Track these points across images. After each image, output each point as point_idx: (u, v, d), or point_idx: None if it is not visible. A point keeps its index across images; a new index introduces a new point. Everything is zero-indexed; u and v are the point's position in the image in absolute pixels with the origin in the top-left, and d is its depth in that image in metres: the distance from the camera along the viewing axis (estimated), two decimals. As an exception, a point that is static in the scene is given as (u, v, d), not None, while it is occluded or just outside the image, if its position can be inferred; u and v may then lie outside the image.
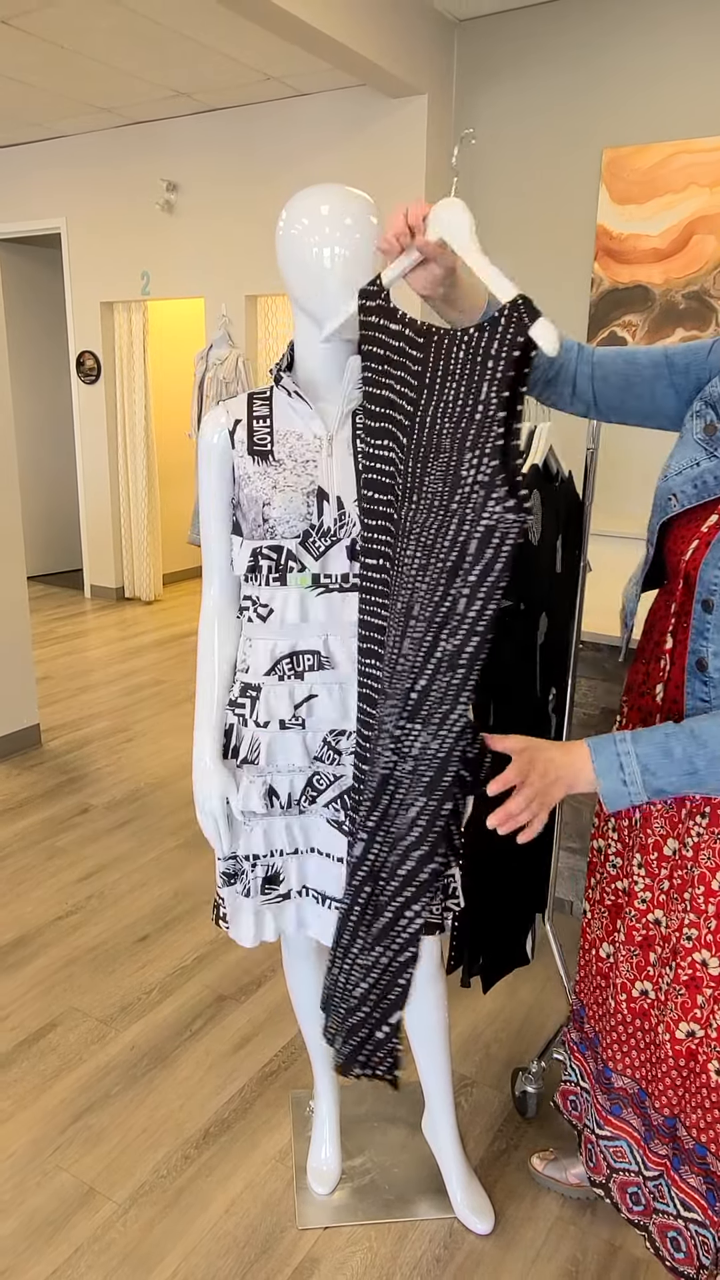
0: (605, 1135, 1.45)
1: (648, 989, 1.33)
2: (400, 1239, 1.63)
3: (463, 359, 1.09)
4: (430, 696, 1.11)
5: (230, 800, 1.40)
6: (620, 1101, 1.42)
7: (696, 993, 1.24)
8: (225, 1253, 1.60)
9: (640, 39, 3.88)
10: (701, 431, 1.17)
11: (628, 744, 1.08)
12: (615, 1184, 1.45)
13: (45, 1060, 2.05)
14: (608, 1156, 1.45)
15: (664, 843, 1.27)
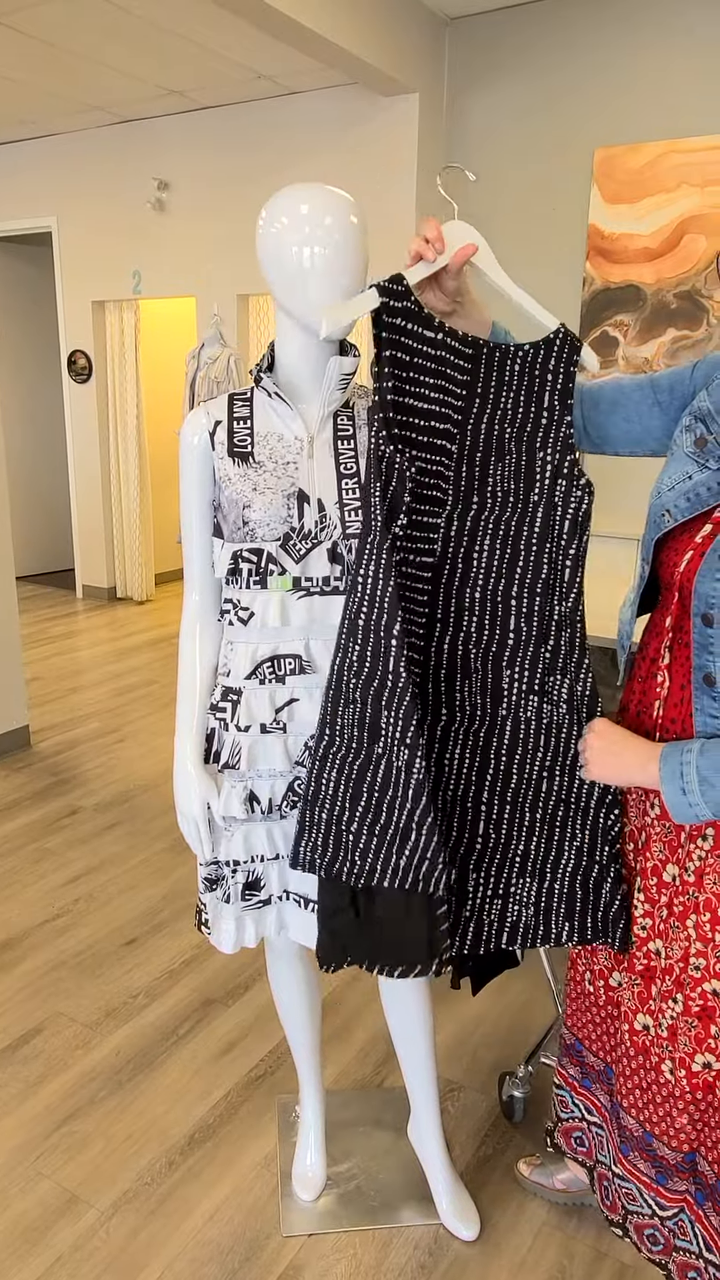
0: (619, 1174, 1.40)
1: (649, 1024, 1.28)
2: (385, 1246, 1.62)
3: (519, 371, 1.24)
4: (560, 652, 1.28)
5: (211, 805, 1.39)
6: (629, 1141, 1.37)
7: (710, 1023, 1.19)
8: (209, 1260, 1.59)
9: (632, 38, 3.87)
10: (692, 445, 1.17)
11: (693, 753, 1.06)
12: (632, 1225, 1.40)
13: (30, 1066, 2.03)
14: (621, 1198, 1.40)
15: (663, 868, 1.23)
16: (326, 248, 1.18)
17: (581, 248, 4.19)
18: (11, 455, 6.73)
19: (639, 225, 4.00)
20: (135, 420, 5.97)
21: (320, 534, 1.29)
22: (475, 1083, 2.00)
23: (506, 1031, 2.16)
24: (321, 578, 1.30)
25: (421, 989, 1.58)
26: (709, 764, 1.05)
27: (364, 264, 1.22)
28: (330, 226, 1.18)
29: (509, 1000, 2.27)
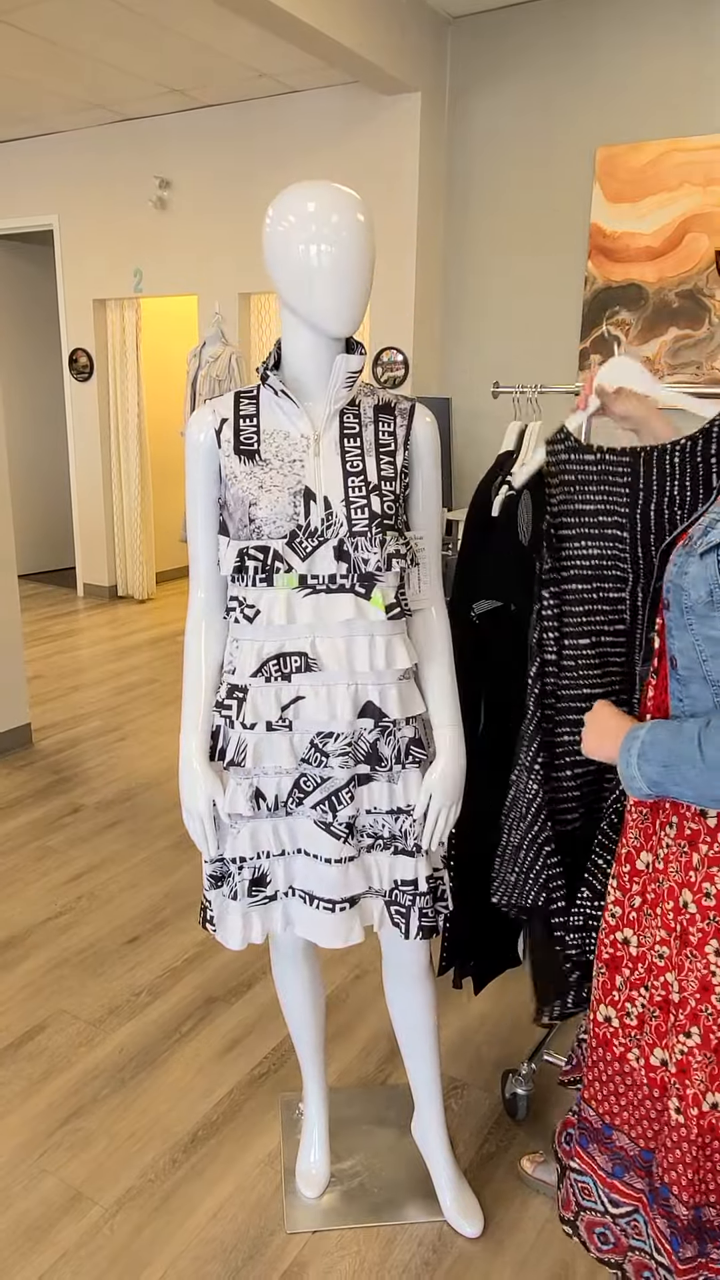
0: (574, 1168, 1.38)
1: (611, 1015, 1.27)
2: (389, 1243, 1.63)
3: (679, 462, 1.47)
4: None
5: (217, 802, 1.39)
6: (588, 1134, 1.35)
7: (667, 1017, 1.19)
8: (213, 1257, 1.59)
9: (634, 37, 3.87)
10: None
11: (643, 729, 1.12)
12: (583, 1221, 1.37)
13: (33, 1063, 2.04)
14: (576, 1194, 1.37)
15: (637, 855, 1.24)
16: (334, 246, 1.18)
17: (583, 246, 4.20)
18: (13, 454, 6.73)
19: (641, 224, 4.00)
20: (136, 419, 5.97)
21: (326, 531, 1.29)
22: (478, 1080, 2.00)
23: (509, 1029, 2.16)
24: (327, 575, 1.30)
25: (426, 987, 1.58)
26: (650, 739, 1.10)
27: (371, 262, 1.22)
28: (337, 224, 1.18)
29: (512, 998, 2.27)
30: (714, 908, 1.12)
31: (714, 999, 1.12)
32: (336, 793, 1.35)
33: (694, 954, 1.13)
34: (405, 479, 1.37)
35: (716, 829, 1.11)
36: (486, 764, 1.81)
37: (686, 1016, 1.14)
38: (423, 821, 1.41)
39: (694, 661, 1.11)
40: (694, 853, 1.13)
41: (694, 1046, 1.14)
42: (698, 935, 1.13)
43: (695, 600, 1.07)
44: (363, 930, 1.43)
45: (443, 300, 4.65)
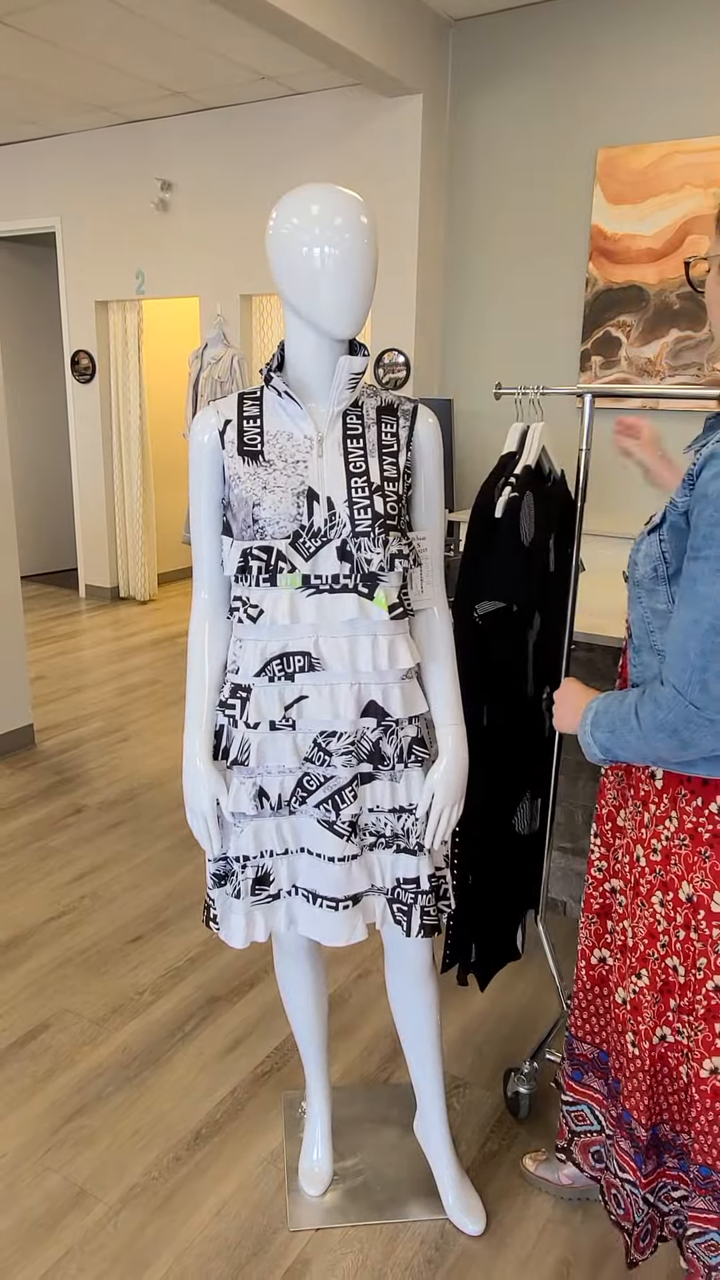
0: (567, 1101, 1.54)
1: (605, 956, 1.40)
2: (392, 1240, 1.63)
3: None
4: None
5: (220, 801, 1.40)
6: (581, 1067, 1.50)
7: (626, 958, 1.30)
8: (216, 1254, 1.60)
9: (636, 39, 3.88)
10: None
11: (598, 699, 1.21)
12: (578, 1145, 1.54)
13: (37, 1061, 2.04)
14: (570, 1121, 1.54)
15: (616, 813, 1.36)
16: (337, 248, 1.19)
17: (584, 248, 4.20)
18: (15, 455, 6.74)
19: (642, 226, 4.01)
20: (138, 420, 5.98)
21: (330, 532, 1.30)
22: (481, 1079, 2.01)
23: (511, 1028, 2.17)
24: (331, 575, 1.31)
25: (431, 987, 1.58)
26: (601, 707, 1.18)
27: (374, 264, 1.23)
28: (341, 227, 1.19)
29: (514, 997, 2.28)
30: (660, 862, 1.23)
31: (659, 945, 1.24)
32: (339, 792, 1.36)
33: (643, 903, 1.26)
34: (408, 480, 1.37)
35: (662, 791, 1.23)
36: (488, 763, 1.82)
37: (637, 959, 1.27)
38: (425, 820, 1.42)
39: (644, 632, 1.21)
40: (645, 811, 1.25)
41: (644, 987, 1.27)
42: (646, 886, 1.25)
43: (643, 575, 1.17)
44: (365, 929, 1.44)
45: (444, 302, 4.66)
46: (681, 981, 1.23)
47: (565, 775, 2.50)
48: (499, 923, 1.90)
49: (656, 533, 1.14)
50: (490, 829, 1.83)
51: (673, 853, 1.21)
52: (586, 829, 2.51)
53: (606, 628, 2.19)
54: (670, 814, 1.21)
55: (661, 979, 1.25)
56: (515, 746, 1.85)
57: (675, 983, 1.24)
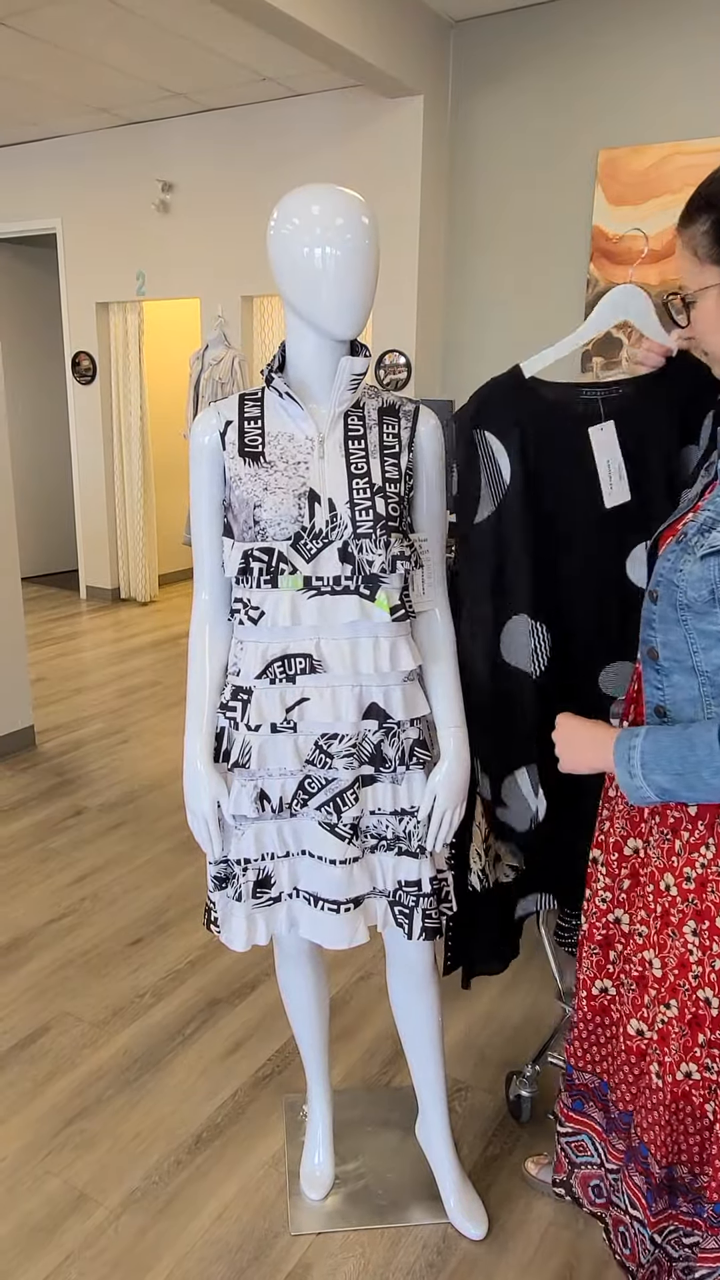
0: (565, 1132, 1.49)
1: (608, 986, 1.35)
2: (393, 1245, 1.63)
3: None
4: None
5: (221, 804, 1.39)
6: (581, 1097, 1.45)
7: (644, 992, 1.25)
8: (218, 1259, 1.59)
9: (637, 40, 3.88)
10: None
11: (639, 738, 1.11)
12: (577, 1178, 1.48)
13: (37, 1064, 2.04)
14: (569, 1152, 1.48)
15: (624, 843, 1.30)
16: (338, 249, 1.19)
17: (585, 250, 4.20)
18: (16, 457, 6.73)
19: (643, 227, 4.01)
20: (139, 422, 5.98)
21: (331, 534, 1.29)
22: (483, 1082, 2.00)
23: (513, 1031, 2.16)
24: (332, 577, 1.30)
25: (430, 989, 1.58)
26: (650, 747, 1.09)
27: (376, 265, 1.23)
28: (342, 227, 1.19)
29: (516, 1000, 2.27)
30: (693, 890, 1.18)
31: (690, 976, 1.20)
32: (341, 794, 1.36)
33: (674, 933, 1.20)
34: (409, 481, 1.37)
35: (696, 817, 1.17)
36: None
37: (666, 990, 1.22)
38: (427, 823, 1.41)
39: (685, 654, 1.13)
40: (676, 839, 1.19)
41: (672, 1018, 1.22)
42: (678, 916, 1.20)
43: (694, 599, 1.09)
44: (367, 931, 1.43)
45: (445, 303, 4.65)
46: (714, 1014, 1.19)
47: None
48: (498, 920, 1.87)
49: (716, 558, 1.06)
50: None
51: (710, 880, 1.16)
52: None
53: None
54: (707, 840, 1.15)
55: (692, 1011, 1.20)
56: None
57: (707, 1015, 1.20)
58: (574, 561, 1.51)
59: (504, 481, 1.42)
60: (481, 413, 1.39)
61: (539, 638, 1.52)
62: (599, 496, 1.44)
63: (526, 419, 1.39)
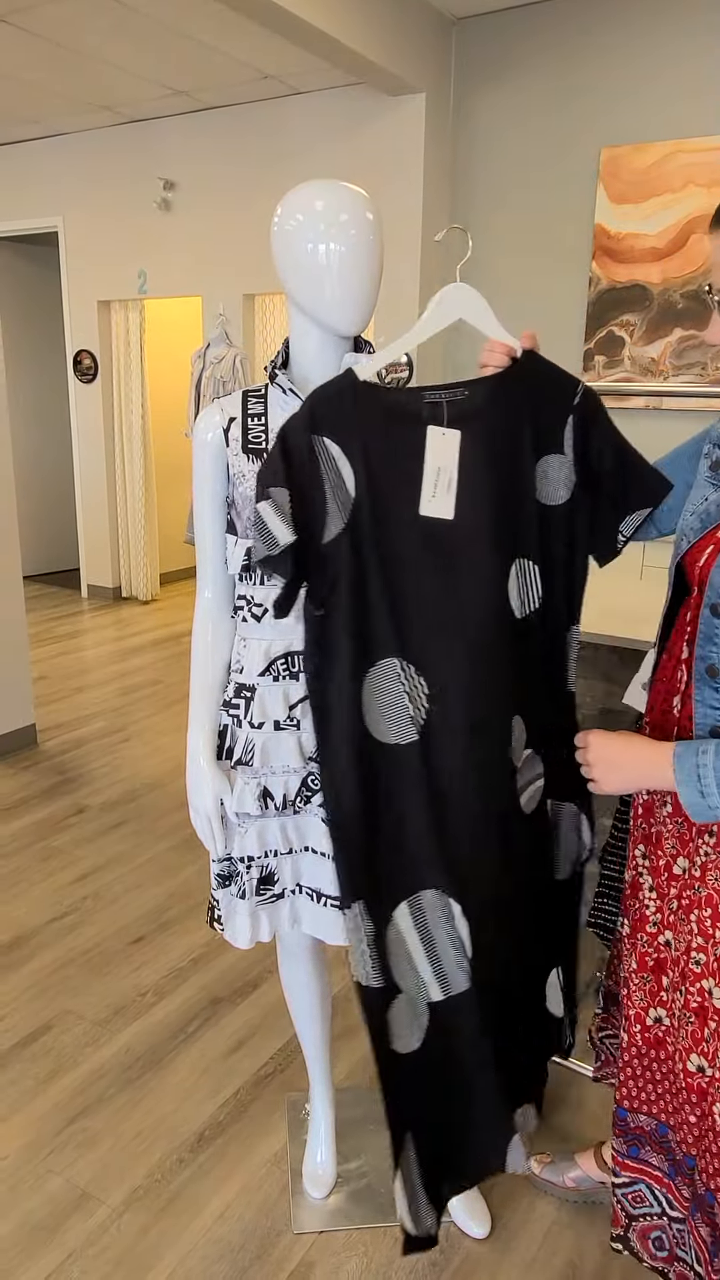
0: (621, 1182, 1.37)
1: (662, 1016, 1.27)
2: (396, 1243, 1.62)
3: None
4: None
5: (224, 802, 1.39)
6: (637, 1142, 1.35)
7: (704, 1024, 1.19)
8: (220, 1257, 1.59)
9: (639, 38, 3.87)
10: (709, 469, 1.21)
11: (709, 755, 1.06)
12: (636, 1231, 1.36)
13: (39, 1063, 2.04)
14: (626, 1204, 1.37)
15: (674, 862, 1.24)
16: (342, 244, 1.18)
17: (588, 248, 4.19)
18: (17, 455, 6.73)
19: (645, 225, 4.00)
20: (140, 420, 5.98)
21: (334, 530, 1.28)
22: (485, 1081, 2.00)
23: (515, 1030, 2.16)
24: (336, 574, 1.29)
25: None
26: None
27: (380, 260, 1.22)
28: (346, 223, 1.18)
29: (517, 999, 2.27)
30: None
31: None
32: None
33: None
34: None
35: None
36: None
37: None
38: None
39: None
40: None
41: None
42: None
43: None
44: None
45: (447, 301, 4.65)
46: None
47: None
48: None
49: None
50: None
51: None
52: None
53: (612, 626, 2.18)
54: None
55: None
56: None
57: None
58: (444, 591, 1.22)
59: (349, 492, 1.19)
60: (316, 416, 1.19)
61: (412, 681, 1.21)
62: (418, 499, 1.21)
63: (365, 424, 1.19)
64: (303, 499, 1.18)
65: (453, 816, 1.23)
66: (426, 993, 1.27)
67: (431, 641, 1.21)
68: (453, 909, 1.24)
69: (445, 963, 1.26)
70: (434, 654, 1.21)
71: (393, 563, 1.20)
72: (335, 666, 1.21)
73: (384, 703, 1.21)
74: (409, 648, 1.21)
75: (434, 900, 1.24)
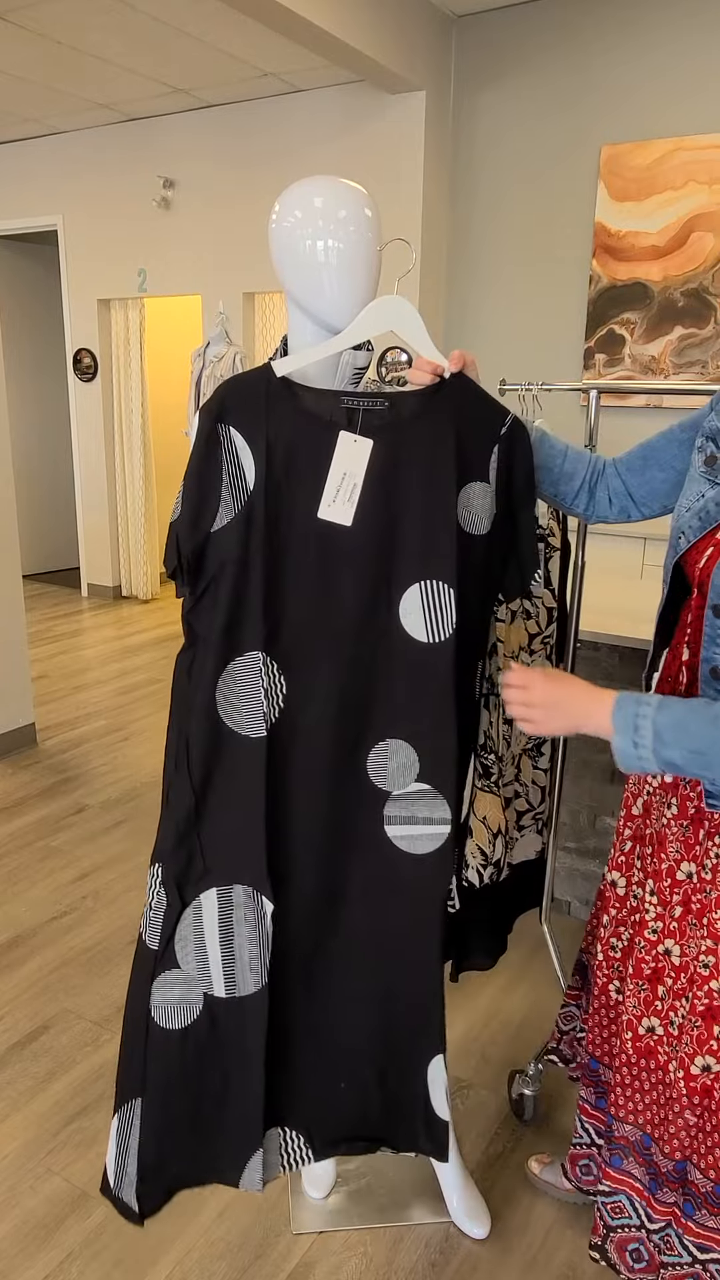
0: (604, 1191, 1.38)
1: (655, 1025, 1.27)
2: (395, 1243, 1.62)
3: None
4: None
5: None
6: (621, 1152, 1.35)
7: (714, 1023, 1.18)
8: (219, 1257, 1.59)
9: (640, 35, 3.86)
10: (703, 464, 1.19)
11: (650, 708, 1.05)
12: (613, 1243, 1.38)
13: (38, 1062, 2.03)
14: (605, 1214, 1.38)
15: (678, 867, 1.22)
16: (341, 241, 1.18)
17: (588, 246, 4.19)
18: (17, 454, 6.73)
19: (646, 223, 3.99)
20: (140, 419, 5.97)
21: (333, 529, 1.28)
22: (485, 1081, 1.99)
23: (516, 1029, 2.15)
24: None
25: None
26: (667, 721, 1.04)
27: (378, 257, 1.22)
28: (344, 219, 1.18)
29: (518, 998, 2.26)
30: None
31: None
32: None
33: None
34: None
35: None
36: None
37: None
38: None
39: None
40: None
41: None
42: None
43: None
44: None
45: (447, 300, 4.64)
46: None
47: (568, 775, 2.49)
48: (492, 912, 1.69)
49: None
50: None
51: None
52: (592, 828, 2.49)
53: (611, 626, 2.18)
54: None
55: None
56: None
57: None
58: (322, 593, 1.20)
59: (247, 485, 1.17)
60: (226, 406, 1.17)
61: (272, 678, 1.19)
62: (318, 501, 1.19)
63: (275, 421, 1.17)
64: (199, 484, 1.17)
65: (287, 819, 1.21)
66: (209, 984, 1.23)
67: (301, 644, 1.20)
68: (264, 909, 1.20)
69: (238, 962, 1.22)
70: (300, 656, 1.20)
71: (277, 560, 1.18)
72: (202, 649, 1.20)
73: (240, 693, 1.20)
74: (276, 645, 1.20)
75: (244, 897, 1.20)
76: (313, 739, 1.21)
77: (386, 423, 1.19)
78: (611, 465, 1.35)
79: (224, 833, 1.21)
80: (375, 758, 1.24)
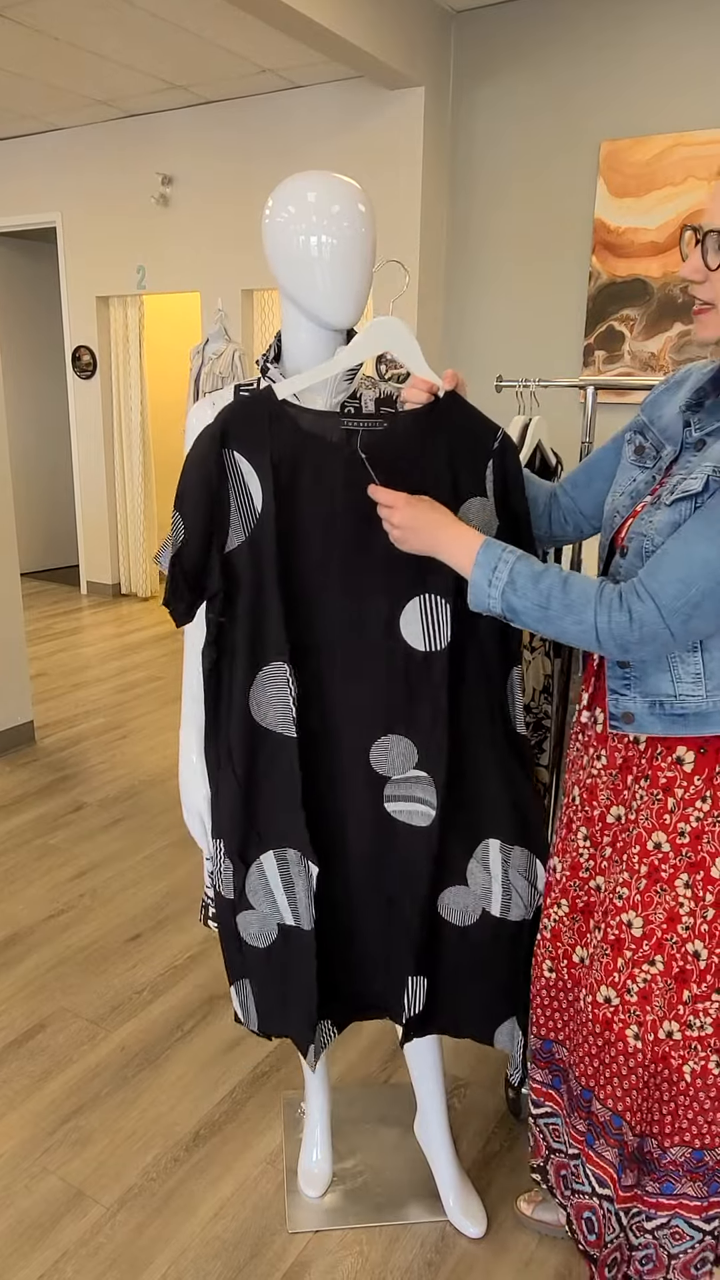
0: (542, 1113, 1.48)
1: (585, 956, 1.36)
2: (391, 1243, 1.62)
3: None
4: None
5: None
6: (561, 1074, 1.45)
7: (618, 955, 1.27)
8: (215, 1256, 1.59)
9: (640, 30, 3.85)
10: (633, 454, 1.28)
11: (513, 555, 1.16)
12: (553, 1165, 1.49)
13: (34, 1061, 2.03)
14: (546, 1135, 1.49)
15: (608, 811, 1.32)
16: (334, 236, 1.17)
17: (588, 242, 4.17)
18: (16, 451, 6.72)
19: (645, 219, 3.98)
20: (139, 416, 5.96)
21: (327, 526, 1.27)
22: (482, 1079, 1.99)
23: (513, 1028, 2.15)
24: (328, 570, 1.29)
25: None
26: (523, 572, 1.14)
27: (372, 252, 1.21)
28: (338, 215, 1.17)
29: (515, 997, 2.26)
30: (687, 844, 1.22)
31: (679, 928, 1.23)
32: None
33: (664, 888, 1.24)
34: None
35: (691, 774, 1.21)
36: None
37: (651, 947, 1.25)
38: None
39: None
40: (669, 797, 1.22)
41: (656, 974, 1.25)
42: (669, 871, 1.23)
43: (660, 544, 1.15)
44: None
45: (445, 296, 4.63)
46: (702, 967, 1.23)
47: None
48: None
49: (691, 500, 1.11)
50: None
51: (705, 832, 1.21)
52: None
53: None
54: (705, 794, 1.21)
55: (679, 965, 1.24)
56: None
57: (694, 969, 1.23)
58: (333, 606, 1.28)
59: (255, 508, 1.23)
60: (229, 431, 1.22)
61: (292, 685, 1.28)
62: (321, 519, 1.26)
63: (278, 443, 1.22)
64: (209, 509, 1.23)
65: (316, 801, 1.34)
66: (281, 916, 1.38)
67: (315, 655, 1.30)
68: (311, 870, 1.33)
69: (299, 903, 1.36)
70: (315, 666, 1.31)
71: (289, 578, 1.26)
72: (230, 664, 1.31)
73: (269, 699, 1.30)
74: (294, 655, 1.29)
75: (295, 858, 1.34)
76: (329, 738, 1.34)
77: (385, 442, 1.24)
78: (559, 488, 1.43)
79: (271, 812, 1.34)
80: (378, 751, 1.34)
